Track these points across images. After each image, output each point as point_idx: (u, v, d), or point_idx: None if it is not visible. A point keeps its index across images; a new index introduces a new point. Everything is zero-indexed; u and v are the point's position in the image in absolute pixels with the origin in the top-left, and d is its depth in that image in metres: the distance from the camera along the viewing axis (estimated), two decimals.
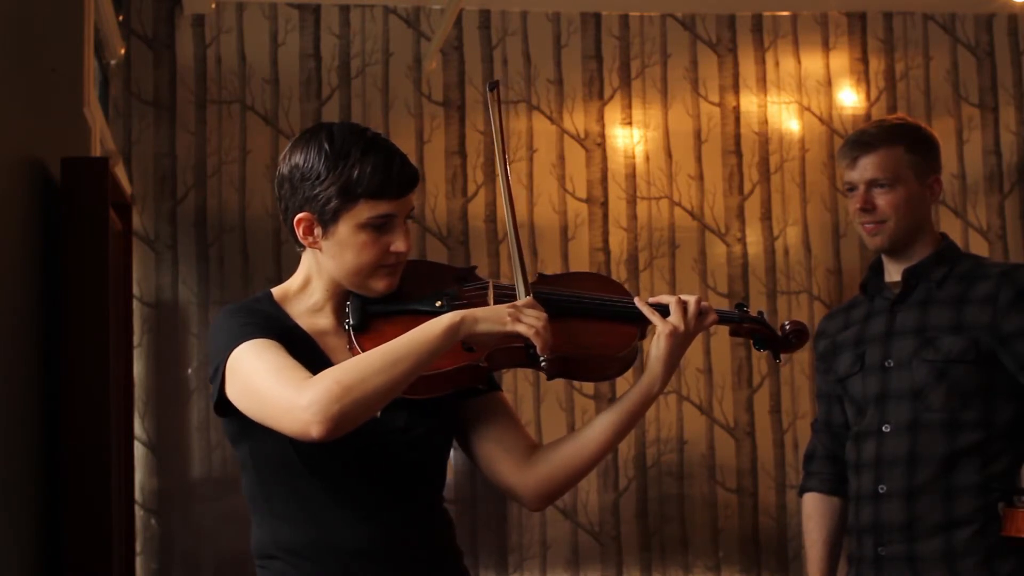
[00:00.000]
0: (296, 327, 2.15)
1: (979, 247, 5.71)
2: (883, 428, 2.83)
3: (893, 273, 2.94)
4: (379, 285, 2.15)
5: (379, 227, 2.12)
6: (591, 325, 2.20)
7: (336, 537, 2.09)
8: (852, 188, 2.92)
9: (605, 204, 5.58)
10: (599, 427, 2.21)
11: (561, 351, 2.14)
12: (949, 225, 5.71)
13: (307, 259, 2.21)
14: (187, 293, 5.27)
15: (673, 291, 5.53)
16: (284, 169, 2.15)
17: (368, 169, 2.09)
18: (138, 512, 5.02)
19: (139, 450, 5.06)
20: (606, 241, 5.55)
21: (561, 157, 5.57)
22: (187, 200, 5.31)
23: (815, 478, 3.05)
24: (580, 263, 5.52)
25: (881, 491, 2.82)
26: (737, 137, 5.68)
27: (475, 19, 5.55)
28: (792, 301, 5.62)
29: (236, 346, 2.05)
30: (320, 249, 2.15)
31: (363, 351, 2.06)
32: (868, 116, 5.73)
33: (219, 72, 5.37)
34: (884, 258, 2.96)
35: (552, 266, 5.48)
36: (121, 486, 3.78)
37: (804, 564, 5.10)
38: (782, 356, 2.32)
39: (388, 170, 2.10)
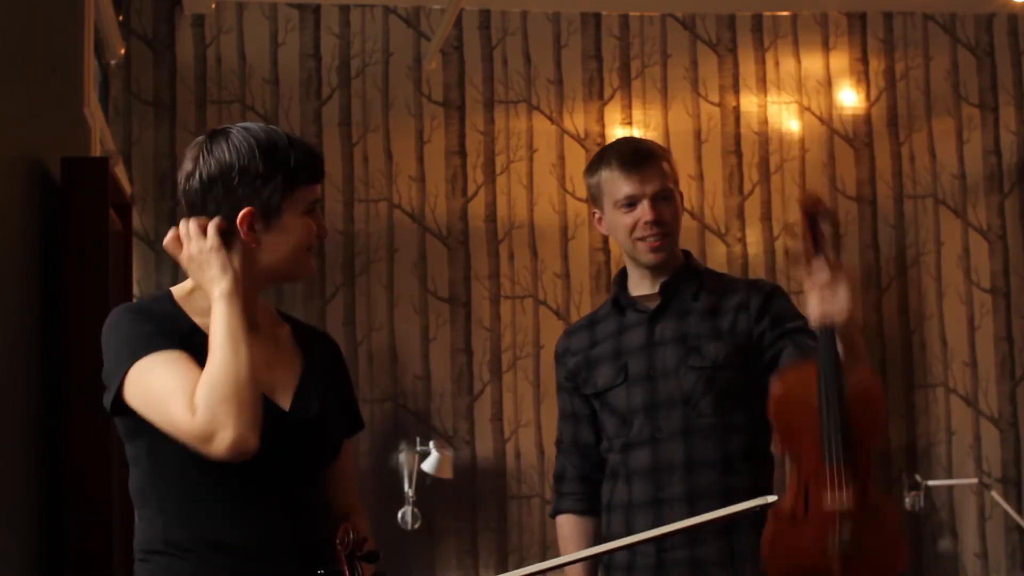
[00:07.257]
0: (194, 328, 2.12)
1: (979, 247, 5.72)
2: (655, 436, 2.86)
3: (641, 287, 2.96)
4: (309, 267, 2.19)
5: (312, 211, 2.16)
6: None
7: (229, 533, 2.08)
8: (632, 203, 2.89)
9: None
10: None
11: None
12: (949, 225, 5.71)
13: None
14: None
15: None
16: (210, 170, 2.11)
17: (301, 156, 2.13)
18: None
19: None
20: (606, 241, 5.54)
21: (561, 157, 5.57)
22: None
23: (568, 499, 3.03)
24: (580, 263, 5.52)
25: (661, 497, 2.84)
26: (737, 137, 5.67)
27: (475, 19, 5.55)
28: (792, 301, 5.61)
29: (142, 356, 2.04)
30: (258, 244, 2.12)
31: None
32: (868, 116, 5.73)
33: (219, 72, 5.37)
34: (638, 272, 2.96)
35: (552, 266, 5.49)
36: (121, 486, 3.78)
37: None
38: None
39: (313, 155, 2.16)
